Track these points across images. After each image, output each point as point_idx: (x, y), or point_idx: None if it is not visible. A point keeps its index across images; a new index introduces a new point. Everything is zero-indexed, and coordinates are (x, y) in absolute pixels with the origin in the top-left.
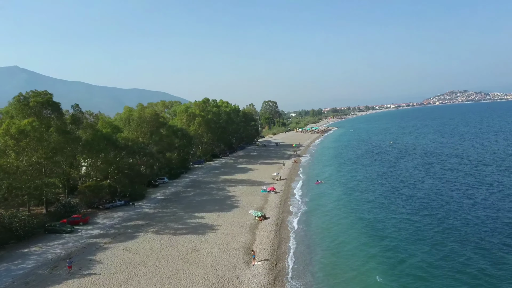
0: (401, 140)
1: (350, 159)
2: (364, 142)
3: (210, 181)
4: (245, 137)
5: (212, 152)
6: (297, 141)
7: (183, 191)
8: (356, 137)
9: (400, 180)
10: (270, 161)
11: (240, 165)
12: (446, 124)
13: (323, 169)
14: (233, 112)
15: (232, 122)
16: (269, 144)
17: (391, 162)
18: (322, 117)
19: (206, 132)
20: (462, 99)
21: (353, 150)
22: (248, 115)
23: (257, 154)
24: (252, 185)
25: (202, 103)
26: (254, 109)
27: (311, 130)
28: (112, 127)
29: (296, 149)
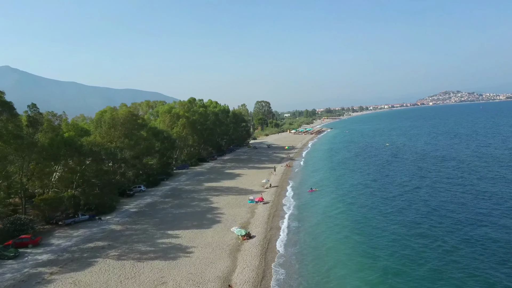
0: (397, 141)
1: (346, 163)
2: (359, 144)
3: (192, 190)
4: (235, 139)
5: (198, 155)
6: (290, 143)
7: (160, 202)
8: (351, 138)
9: (400, 189)
10: (260, 166)
11: (227, 170)
12: (442, 125)
13: (317, 175)
14: (222, 112)
15: (221, 123)
16: (261, 146)
17: (389, 167)
18: (316, 117)
19: (191, 134)
20: (455, 99)
21: (348, 152)
22: (238, 116)
23: (247, 157)
24: (239, 194)
25: (188, 103)
26: (246, 110)
27: (305, 131)
28: (78, 130)
29: (288, 152)
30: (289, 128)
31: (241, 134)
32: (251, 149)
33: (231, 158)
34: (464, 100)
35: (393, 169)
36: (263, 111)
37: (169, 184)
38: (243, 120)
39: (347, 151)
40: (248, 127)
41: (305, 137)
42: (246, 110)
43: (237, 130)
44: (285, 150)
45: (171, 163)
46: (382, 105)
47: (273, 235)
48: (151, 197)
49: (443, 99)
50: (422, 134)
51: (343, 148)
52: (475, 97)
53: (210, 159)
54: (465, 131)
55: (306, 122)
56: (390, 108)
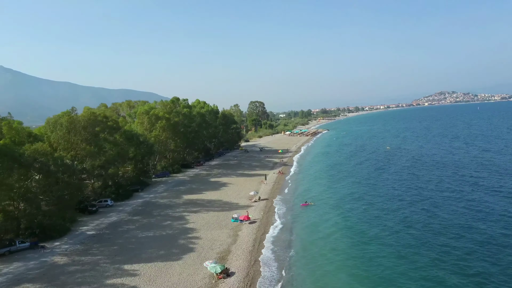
0: (398, 145)
1: (344, 169)
2: (358, 147)
3: (168, 204)
4: (225, 142)
5: (182, 161)
6: (284, 146)
7: (126, 221)
8: (349, 141)
9: (404, 202)
10: (250, 172)
11: (213, 178)
12: (441, 127)
13: (312, 184)
14: (209, 113)
15: (208, 125)
16: (253, 149)
17: (391, 173)
18: (311, 118)
19: (172, 138)
20: (450, 100)
21: (346, 157)
22: (228, 117)
23: (236, 162)
24: (222, 209)
25: (171, 103)
26: (239, 110)
27: (300, 133)
28: (25, 136)
29: (282, 156)
30: (283, 130)
31: (231, 137)
32: (242, 153)
33: (219, 163)
34: (460, 100)
35: (397, 178)
36: (257, 112)
37: (143, 196)
38: (234, 121)
39: (344, 156)
40: (239, 129)
41: (300, 139)
42: (239, 111)
43: (227, 132)
44: (278, 154)
45: (148, 171)
46: (377, 106)
47: (257, 272)
48: (118, 214)
49: (438, 99)
50: (423, 136)
51: (340, 152)
52: (470, 98)
53: (195, 164)
54: (465, 133)
55: (302, 123)
56: (385, 109)
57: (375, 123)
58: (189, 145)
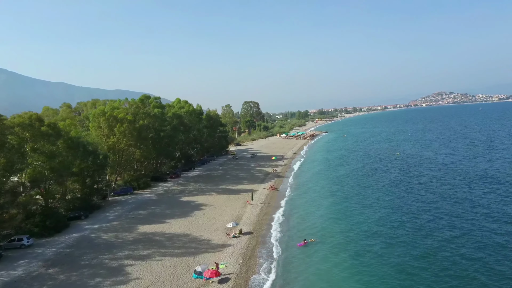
0: (409, 150)
1: (350, 184)
2: (362, 153)
3: (112, 242)
4: (210, 147)
5: (154, 172)
6: (279, 151)
7: (31, 279)
8: (351, 145)
9: (441, 238)
10: (235, 187)
11: (186, 197)
12: (447, 129)
13: (311, 207)
14: (190, 115)
15: (188, 128)
16: (243, 155)
17: (410, 190)
18: (309, 119)
19: (135, 145)
20: (448, 100)
21: (351, 167)
22: (214, 119)
23: (221, 173)
24: (185, 252)
25: (139, 103)
26: (231, 111)
27: (297, 136)
28: None
29: (275, 164)
30: (279, 132)
31: (217, 141)
32: (230, 160)
33: (200, 174)
34: (457, 101)
35: (421, 198)
36: (251, 113)
37: (83, 227)
38: (220, 123)
39: (349, 165)
40: (226, 132)
41: (297, 143)
42: (231, 112)
43: (212, 136)
44: (271, 161)
45: (101, 189)
46: (375, 106)
47: None
48: (28, 264)
49: (436, 100)
50: (431, 140)
51: (343, 160)
52: (468, 98)
53: (170, 176)
54: (477, 136)
55: (299, 125)
56: (383, 109)
57: (376, 125)
58: (162, 153)
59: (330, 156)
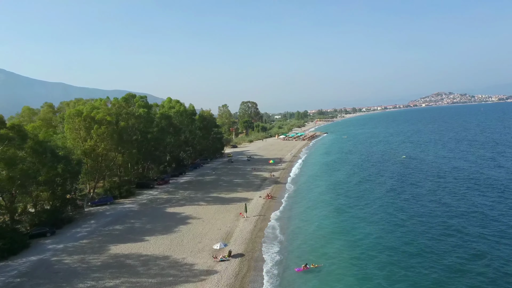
0: (415, 153)
1: (354, 193)
2: (365, 155)
3: (73, 269)
4: (204, 150)
5: (139, 179)
6: (277, 153)
7: None
8: (352, 147)
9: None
10: (228, 195)
11: (172, 208)
12: (450, 130)
13: (313, 222)
14: (180, 115)
15: (178, 130)
16: (239, 158)
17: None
18: (308, 119)
19: (116, 150)
20: (447, 101)
21: (354, 171)
22: (208, 119)
23: (214, 178)
24: (160, 283)
25: (123, 102)
26: (228, 111)
27: (296, 137)
28: None
29: (273, 168)
30: (277, 133)
31: (211, 144)
32: (225, 164)
33: (191, 180)
34: (457, 101)
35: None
36: (249, 113)
37: (46, 247)
38: (215, 124)
39: (351, 169)
40: (221, 134)
41: (296, 145)
42: (228, 112)
43: (206, 138)
44: (269, 164)
45: (76, 199)
46: (375, 107)
47: None
48: None
49: (435, 100)
50: (434, 141)
51: (346, 163)
52: (467, 99)
53: (158, 183)
54: (481, 138)
55: (298, 125)
56: (383, 110)
57: (377, 125)
58: (148, 157)
59: (331, 159)
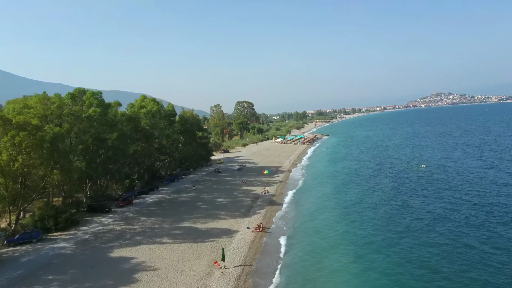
0: (433, 161)
1: (371, 220)
2: (377, 164)
3: None
4: (186, 158)
5: (90, 201)
6: (274, 160)
7: None
8: (360, 153)
9: None
10: (204, 225)
11: (120, 249)
12: (463, 132)
13: (322, 276)
14: (153, 116)
15: (149, 135)
16: (229, 167)
17: (454, 231)
18: (307, 120)
19: (47, 164)
20: (447, 101)
21: (367, 186)
22: (191, 122)
23: (192, 196)
24: None
25: (68, 99)
26: (220, 112)
27: (295, 140)
28: None
29: (268, 181)
30: (274, 136)
31: (194, 151)
32: (210, 175)
33: (162, 199)
34: (456, 102)
35: (466, 245)
36: (244, 114)
37: None
38: (200, 127)
39: (363, 183)
40: (207, 138)
41: (295, 149)
42: (220, 112)
43: (189, 144)
44: (263, 176)
45: None
46: (374, 107)
47: None
48: None
49: (434, 101)
50: (452, 146)
51: (355, 174)
52: (467, 99)
53: (119, 203)
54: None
55: (296, 126)
56: (382, 110)
57: (381, 127)
58: (104, 171)
59: (337, 168)
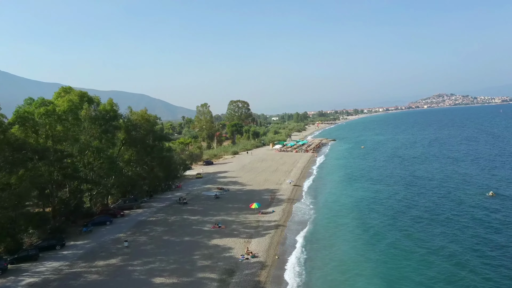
0: (501, 185)
1: None
2: (413, 187)
3: None
4: (132, 184)
5: None
6: (268, 178)
7: None
8: (384, 167)
9: None
10: None
11: None
12: (496, 138)
13: None
14: (57, 120)
15: (43, 152)
16: (203, 191)
17: None
18: (308, 122)
19: None
20: (449, 102)
21: (416, 233)
22: (146, 128)
23: (111, 271)
24: None
25: None
26: (208, 112)
27: (296, 146)
28: None
29: (257, 222)
30: (272, 141)
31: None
32: (166, 212)
33: (47, 281)
34: (459, 103)
35: None
36: (239, 115)
37: None
38: (160, 136)
39: (406, 227)
40: (171, 151)
41: (297, 160)
42: (208, 113)
43: (140, 162)
44: (249, 211)
45: None
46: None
47: None
48: None
49: (437, 102)
50: (499, 156)
51: (388, 208)
52: (470, 100)
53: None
54: None
55: (297, 129)
56: (385, 111)
57: (390, 130)
58: None
59: (360, 194)
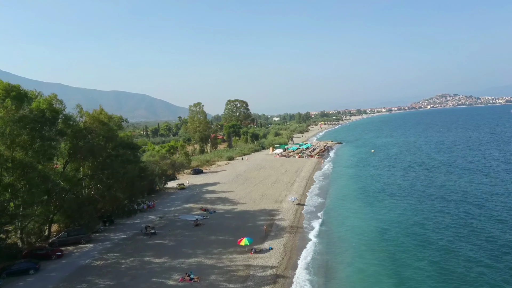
0: None
1: None
2: (448, 207)
3: None
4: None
5: None
6: (265, 193)
7: None
8: (403, 177)
9: None
10: None
11: None
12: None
13: None
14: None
15: None
16: (181, 215)
17: None
18: (311, 122)
19: None
20: (452, 103)
21: None
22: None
23: None
24: None
25: None
26: (203, 113)
27: (299, 151)
28: None
29: (246, 275)
30: (272, 145)
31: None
32: (125, 248)
33: None
34: (462, 103)
35: None
36: (237, 115)
37: None
38: (122, 144)
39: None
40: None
41: (300, 168)
42: (202, 113)
43: (96, 178)
44: (239, 248)
45: None
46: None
47: None
48: None
49: (440, 102)
50: None
51: (424, 240)
52: (473, 101)
53: None
54: None
55: (299, 130)
56: (388, 112)
57: (398, 132)
58: None
59: (381, 220)
